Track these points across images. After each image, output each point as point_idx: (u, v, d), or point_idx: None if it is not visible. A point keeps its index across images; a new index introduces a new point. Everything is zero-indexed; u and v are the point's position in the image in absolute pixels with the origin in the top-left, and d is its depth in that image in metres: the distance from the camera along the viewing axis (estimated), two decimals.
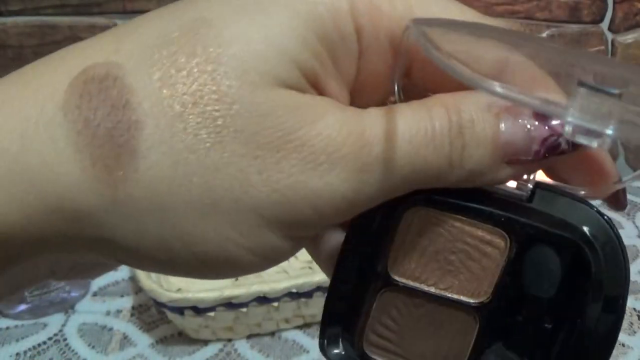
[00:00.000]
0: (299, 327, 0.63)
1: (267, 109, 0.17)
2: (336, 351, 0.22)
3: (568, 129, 0.17)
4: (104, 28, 0.86)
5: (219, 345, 0.61)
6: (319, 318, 0.63)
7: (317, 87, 0.18)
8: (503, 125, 0.18)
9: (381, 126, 0.18)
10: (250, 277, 0.65)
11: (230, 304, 0.58)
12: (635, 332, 0.62)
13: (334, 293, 0.22)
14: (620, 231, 0.79)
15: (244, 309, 0.59)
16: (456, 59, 0.16)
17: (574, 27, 0.87)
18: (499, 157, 0.18)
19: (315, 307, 0.61)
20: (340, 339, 0.22)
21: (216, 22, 0.17)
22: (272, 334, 0.62)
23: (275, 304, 0.59)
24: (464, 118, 0.18)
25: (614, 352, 0.21)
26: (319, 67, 0.18)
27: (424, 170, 0.18)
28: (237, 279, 0.66)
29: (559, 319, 0.21)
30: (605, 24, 0.88)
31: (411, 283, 0.22)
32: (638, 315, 0.64)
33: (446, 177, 0.18)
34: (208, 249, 0.18)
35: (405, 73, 0.20)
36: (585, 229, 0.20)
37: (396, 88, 0.20)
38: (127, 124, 0.16)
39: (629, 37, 0.88)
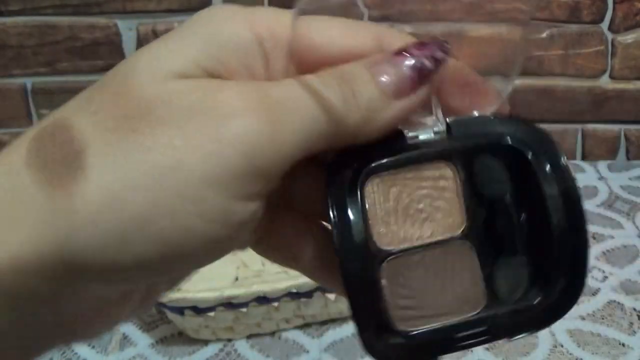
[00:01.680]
0: (299, 327, 0.63)
1: (178, 89, 0.20)
2: (380, 347, 0.23)
3: None
4: (104, 28, 0.86)
5: (219, 345, 0.61)
6: (319, 318, 0.63)
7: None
8: (377, 69, 0.22)
9: (281, 84, 0.21)
10: (251, 277, 0.65)
11: (230, 304, 0.58)
12: (635, 332, 0.62)
13: (351, 292, 0.23)
14: (620, 231, 0.79)
15: (244, 309, 0.59)
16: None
17: (574, 27, 0.87)
18: (385, 94, 0.22)
19: (315, 307, 0.61)
20: (376, 332, 0.23)
21: (138, 56, 0.21)
22: (272, 334, 0.62)
23: (275, 304, 0.59)
24: (346, 71, 0.22)
25: (615, 351, 0.22)
26: (223, 69, 0.21)
27: (325, 109, 0.21)
28: (237, 279, 0.66)
29: (528, 211, 0.24)
30: (605, 24, 0.88)
31: (401, 246, 0.23)
32: (638, 315, 0.64)
33: (347, 119, 0.21)
34: (162, 225, 0.20)
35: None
36: (506, 130, 0.23)
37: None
38: (73, 153, 0.20)
39: (629, 37, 0.88)
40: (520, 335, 0.23)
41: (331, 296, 0.61)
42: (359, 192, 0.23)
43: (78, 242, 0.19)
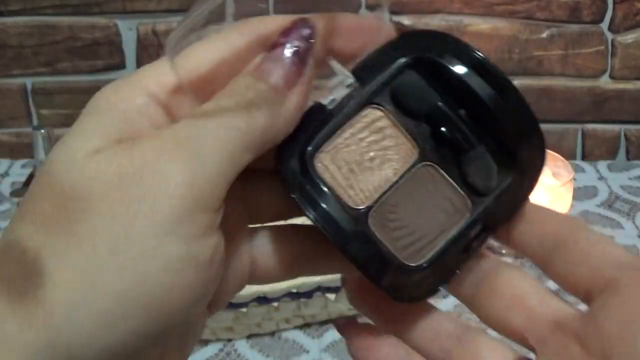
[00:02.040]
0: (299, 327, 0.63)
1: (97, 163, 0.21)
2: (406, 289, 0.24)
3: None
4: (104, 28, 0.86)
5: (219, 345, 0.61)
6: (319, 318, 0.63)
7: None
8: (260, 70, 0.23)
9: (180, 123, 0.22)
10: None
11: (230, 304, 0.58)
12: None
13: (356, 260, 0.24)
14: (620, 231, 0.78)
15: (244, 309, 0.59)
16: None
17: (574, 27, 0.87)
18: (278, 88, 0.22)
19: (315, 307, 0.61)
20: (395, 280, 0.24)
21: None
22: (272, 334, 0.63)
23: (275, 304, 0.59)
24: (235, 85, 0.23)
25: None
26: (133, 133, 0.22)
27: (231, 124, 0.21)
28: None
29: (463, 105, 0.25)
30: (605, 24, 0.88)
31: (375, 196, 0.24)
32: None
33: (255, 125, 0.22)
34: (138, 292, 0.20)
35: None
36: (401, 48, 0.25)
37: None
38: (29, 265, 0.20)
39: (629, 37, 0.89)
40: (516, 211, 0.24)
41: (331, 296, 0.61)
42: (314, 176, 0.24)
43: (64, 340, 0.19)
